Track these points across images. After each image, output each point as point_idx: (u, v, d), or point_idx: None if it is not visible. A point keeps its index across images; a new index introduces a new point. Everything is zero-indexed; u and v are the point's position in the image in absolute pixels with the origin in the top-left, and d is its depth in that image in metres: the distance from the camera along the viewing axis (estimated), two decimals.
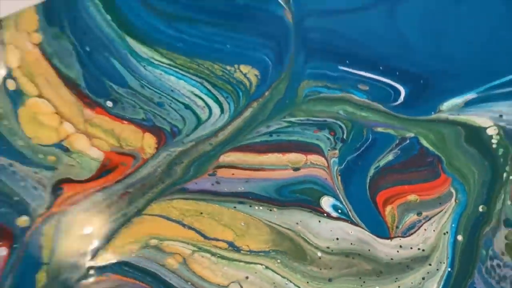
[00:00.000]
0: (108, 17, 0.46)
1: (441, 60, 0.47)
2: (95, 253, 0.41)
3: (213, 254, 0.42)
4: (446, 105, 0.46)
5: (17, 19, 0.44)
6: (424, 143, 0.45)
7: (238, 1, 0.48)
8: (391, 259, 0.43)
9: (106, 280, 0.40)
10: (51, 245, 0.40)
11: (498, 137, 0.45)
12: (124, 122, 0.44)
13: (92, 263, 0.41)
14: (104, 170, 0.42)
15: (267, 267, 0.42)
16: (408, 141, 0.45)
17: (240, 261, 0.42)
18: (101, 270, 0.41)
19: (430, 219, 0.44)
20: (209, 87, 0.45)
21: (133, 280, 0.41)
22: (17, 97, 0.42)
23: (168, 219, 0.42)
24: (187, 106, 0.44)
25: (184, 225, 0.43)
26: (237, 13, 0.48)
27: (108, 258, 0.41)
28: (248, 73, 0.46)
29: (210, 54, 0.46)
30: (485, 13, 0.47)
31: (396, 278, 0.43)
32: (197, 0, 0.47)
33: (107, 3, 0.46)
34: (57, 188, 0.42)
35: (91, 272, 0.40)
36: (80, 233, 0.41)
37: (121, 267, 0.40)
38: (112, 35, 0.46)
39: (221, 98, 0.45)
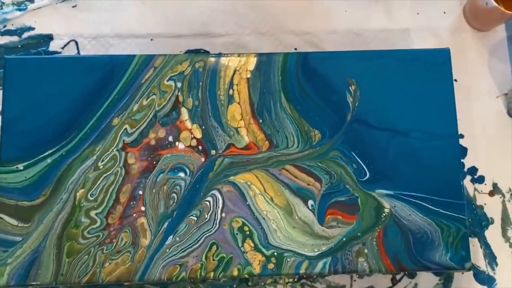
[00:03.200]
0: (280, 78, 1.01)
1: (397, 177, 1.01)
2: None
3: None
4: (378, 191, 1.02)
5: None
6: (359, 201, 0.96)
7: (334, 98, 1.02)
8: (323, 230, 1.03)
9: None
10: None
11: (387, 210, 1.02)
12: (259, 129, 1.00)
13: None
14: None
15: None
16: (353, 196, 0.96)
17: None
18: None
19: (340, 227, 1.02)
20: (298, 132, 1.00)
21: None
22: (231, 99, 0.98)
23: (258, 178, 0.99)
24: (286, 136, 1.01)
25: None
26: (325, 102, 1.01)
27: None
28: (316, 135, 1.01)
29: (307, 117, 1.01)
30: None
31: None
32: (315, 91, 1.00)
33: (284, 73, 1.00)
34: None
35: None
36: None
37: None
38: (276, 87, 1.01)
39: (300, 139, 1.00)
